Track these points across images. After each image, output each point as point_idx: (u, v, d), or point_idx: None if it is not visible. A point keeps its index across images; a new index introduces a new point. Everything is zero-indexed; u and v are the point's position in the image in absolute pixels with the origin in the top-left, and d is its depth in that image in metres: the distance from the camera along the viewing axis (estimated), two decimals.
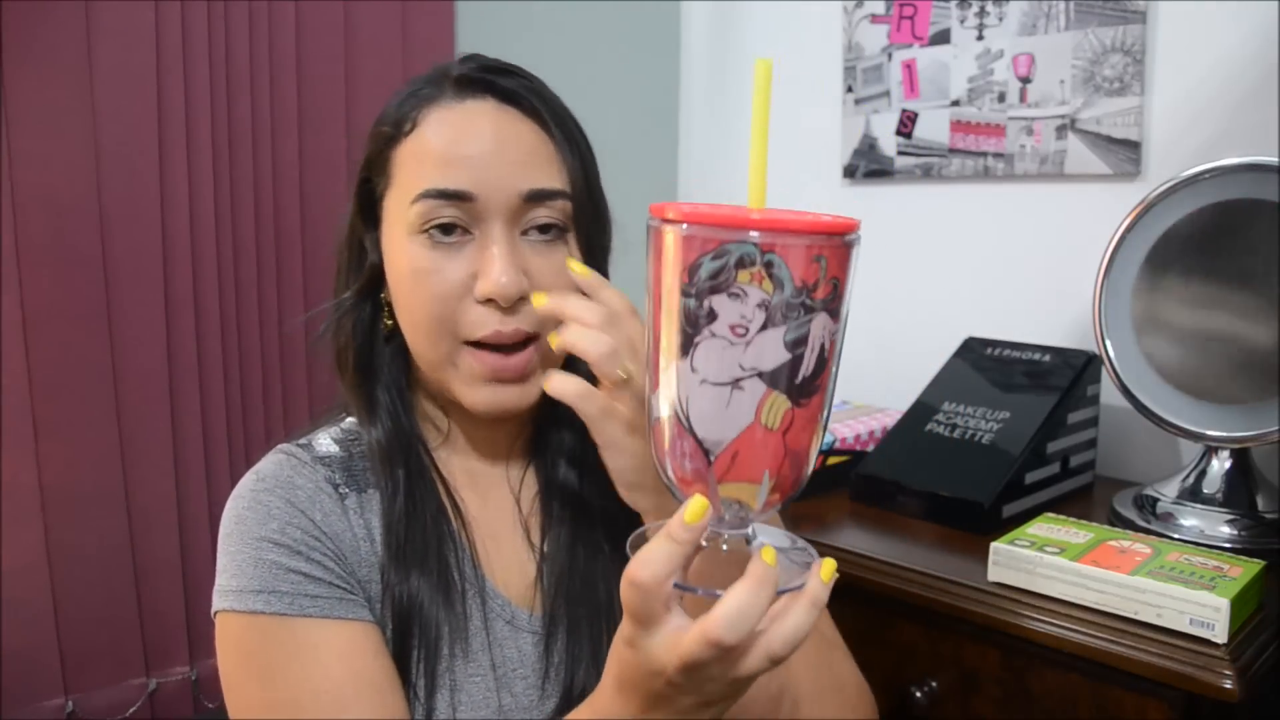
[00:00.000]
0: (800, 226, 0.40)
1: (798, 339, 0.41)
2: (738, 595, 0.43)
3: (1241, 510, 0.98)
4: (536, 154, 0.66)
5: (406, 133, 0.65)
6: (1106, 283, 1.03)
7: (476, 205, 0.63)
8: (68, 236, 1.14)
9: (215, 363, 1.26)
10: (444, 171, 0.63)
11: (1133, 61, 1.21)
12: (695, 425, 0.43)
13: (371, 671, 0.62)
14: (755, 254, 0.40)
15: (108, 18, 1.14)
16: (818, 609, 0.46)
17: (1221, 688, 0.73)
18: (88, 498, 1.18)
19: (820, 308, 0.41)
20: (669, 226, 0.42)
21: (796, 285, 0.40)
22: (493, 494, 0.73)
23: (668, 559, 0.44)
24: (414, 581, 0.65)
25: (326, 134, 1.33)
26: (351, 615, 0.63)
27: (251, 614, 0.61)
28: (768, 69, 0.44)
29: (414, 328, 0.66)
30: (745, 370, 0.41)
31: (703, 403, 0.42)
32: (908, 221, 1.46)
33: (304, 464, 0.67)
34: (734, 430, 0.42)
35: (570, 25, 1.62)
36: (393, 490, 0.67)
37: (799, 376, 0.41)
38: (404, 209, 0.64)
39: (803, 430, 0.43)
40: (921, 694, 0.92)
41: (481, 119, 0.65)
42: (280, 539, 0.63)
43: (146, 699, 1.23)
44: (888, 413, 1.30)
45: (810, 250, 0.40)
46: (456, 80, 0.66)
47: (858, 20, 1.49)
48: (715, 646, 0.43)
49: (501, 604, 0.69)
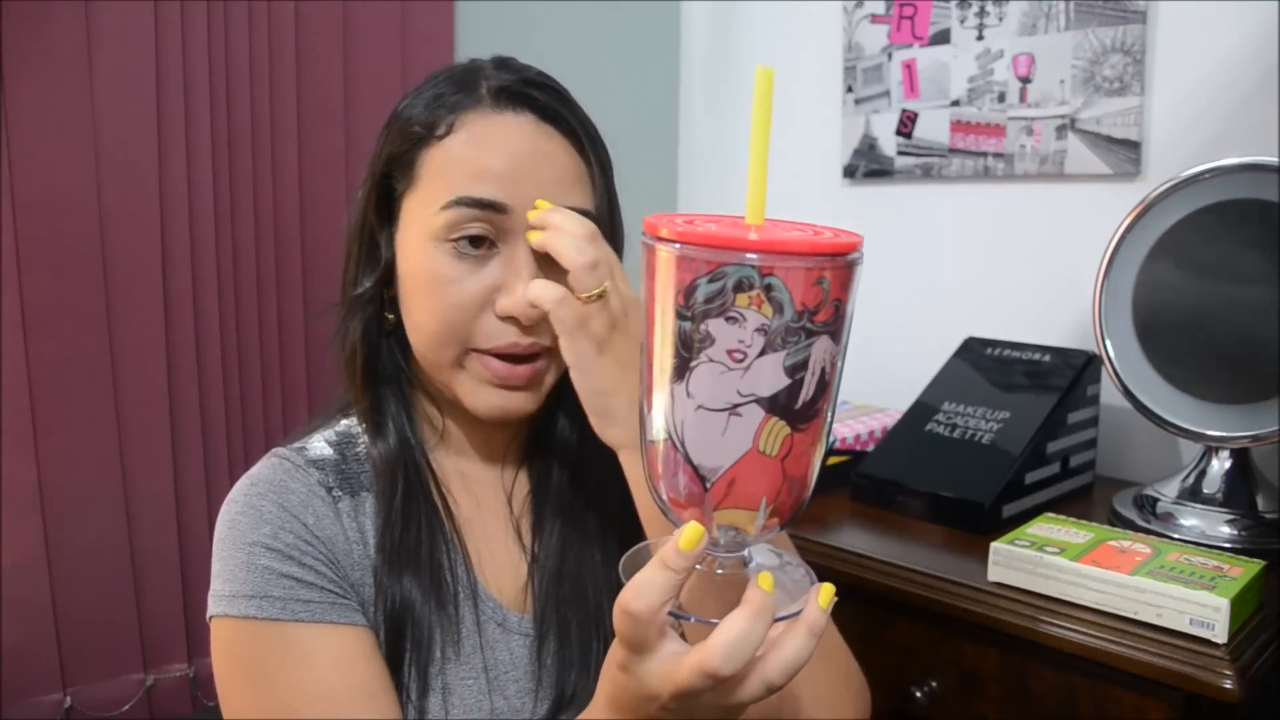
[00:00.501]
0: (801, 248, 0.38)
1: (797, 364, 0.39)
2: (735, 625, 0.42)
3: (1241, 510, 0.98)
4: (570, 174, 0.65)
5: (440, 136, 0.64)
6: (1106, 283, 1.02)
7: (507, 219, 0.63)
8: (68, 236, 1.14)
9: (214, 361, 1.26)
10: (478, 181, 0.62)
11: (1133, 61, 1.21)
12: (691, 451, 0.41)
13: (365, 676, 0.61)
14: (754, 277, 0.38)
15: (108, 18, 1.14)
16: (816, 636, 0.44)
17: (1221, 688, 0.73)
18: (87, 495, 1.18)
19: (821, 331, 0.39)
20: (663, 246, 0.40)
21: (797, 309, 0.38)
22: (486, 496, 0.73)
23: (662, 588, 0.43)
24: (406, 584, 0.65)
25: (326, 134, 1.33)
26: (344, 620, 0.62)
27: (244, 619, 0.61)
28: (768, 77, 0.42)
29: (422, 332, 0.65)
30: (743, 396, 0.39)
31: (699, 428, 0.40)
32: (908, 221, 1.46)
33: (297, 468, 0.67)
34: (731, 457, 0.40)
35: (570, 24, 1.62)
36: (390, 495, 0.67)
37: (799, 402, 0.40)
38: (429, 213, 0.63)
39: (803, 455, 0.41)
40: (921, 694, 0.92)
41: (520, 134, 0.64)
42: (273, 544, 0.62)
43: (144, 695, 1.23)
44: (888, 413, 1.30)
45: (811, 273, 0.38)
46: (496, 91, 0.65)
47: (858, 20, 1.49)
48: (711, 677, 0.42)
49: (493, 607, 0.69)
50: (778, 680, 0.44)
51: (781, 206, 0.43)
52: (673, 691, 0.44)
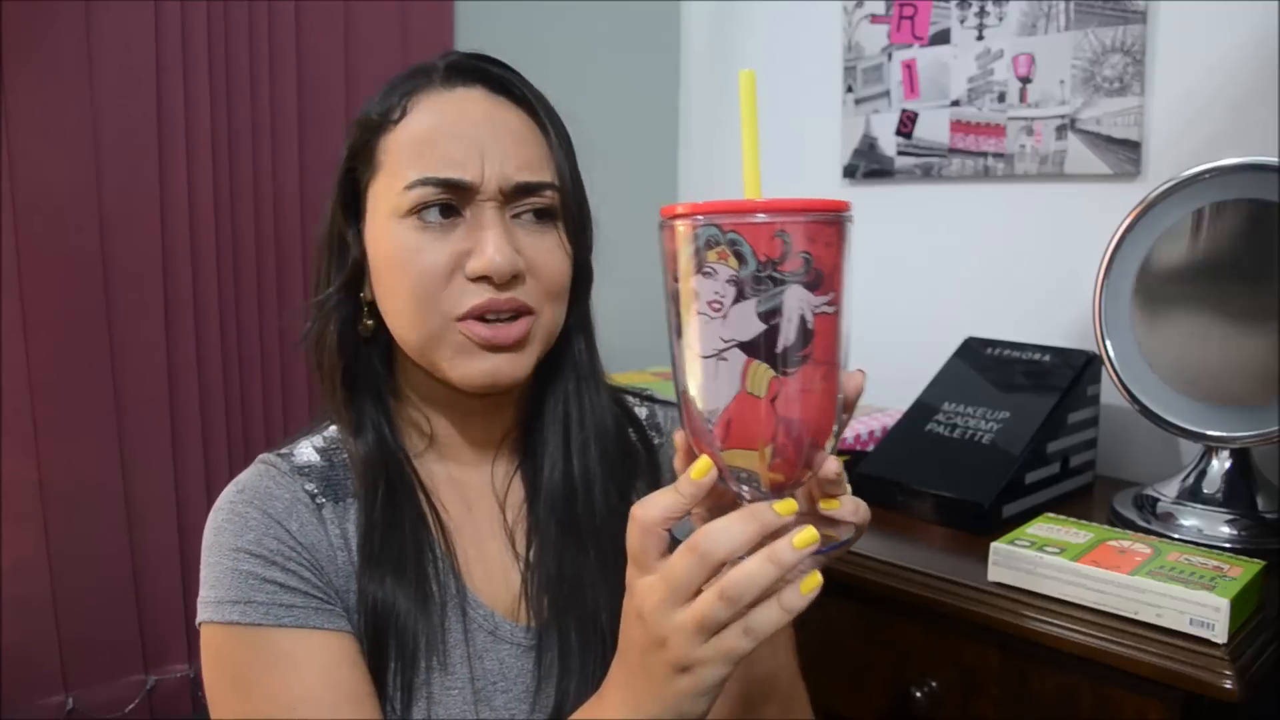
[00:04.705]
0: (758, 206, 0.43)
1: (770, 310, 0.44)
2: (727, 516, 0.46)
3: (1241, 510, 0.98)
4: (528, 143, 0.66)
5: (396, 120, 0.65)
6: (1106, 283, 1.02)
7: (470, 190, 0.63)
8: (68, 237, 1.14)
9: (215, 362, 1.26)
10: (438, 157, 0.63)
11: (1133, 61, 1.21)
12: (694, 396, 0.46)
13: (349, 682, 0.61)
14: (718, 234, 0.43)
15: (108, 18, 1.14)
16: (775, 565, 0.45)
17: (1221, 688, 0.73)
18: (87, 496, 1.18)
19: (792, 280, 0.43)
20: (664, 225, 0.46)
21: (760, 260, 0.43)
22: (477, 502, 0.72)
23: (666, 506, 0.47)
24: (389, 592, 0.64)
25: (326, 134, 1.33)
26: (328, 625, 0.62)
27: (229, 625, 0.61)
28: (750, 81, 0.47)
29: (399, 311, 0.65)
30: (725, 342, 0.44)
31: (697, 375, 0.46)
32: (908, 221, 1.46)
33: (282, 474, 0.66)
34: (725, 399, 0.45)
35: (570, 25, 1.62)
36: (371, 500, 0.66)
37: (778, 346, 0.44)
38: (393, 195, 0.63)
39: (794, 400, 0.45)
40: (921, 694, 0.92)
41: (474, 105, 0.65)
42: (256, 549, 0.62)
43: (145, 696, 1.23)
44: (888, 413, 1.30)
45: (768, 227, 0.43)
46: (446, 69, 0.66)
47: (858, 20, 1.49)
48: (693, 551, 0.45)
49: (484, 615, 0.68)
50: (733, 593, 0.45)
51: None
52: (662, 591, 0.46)
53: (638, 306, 1.17)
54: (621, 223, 0.77)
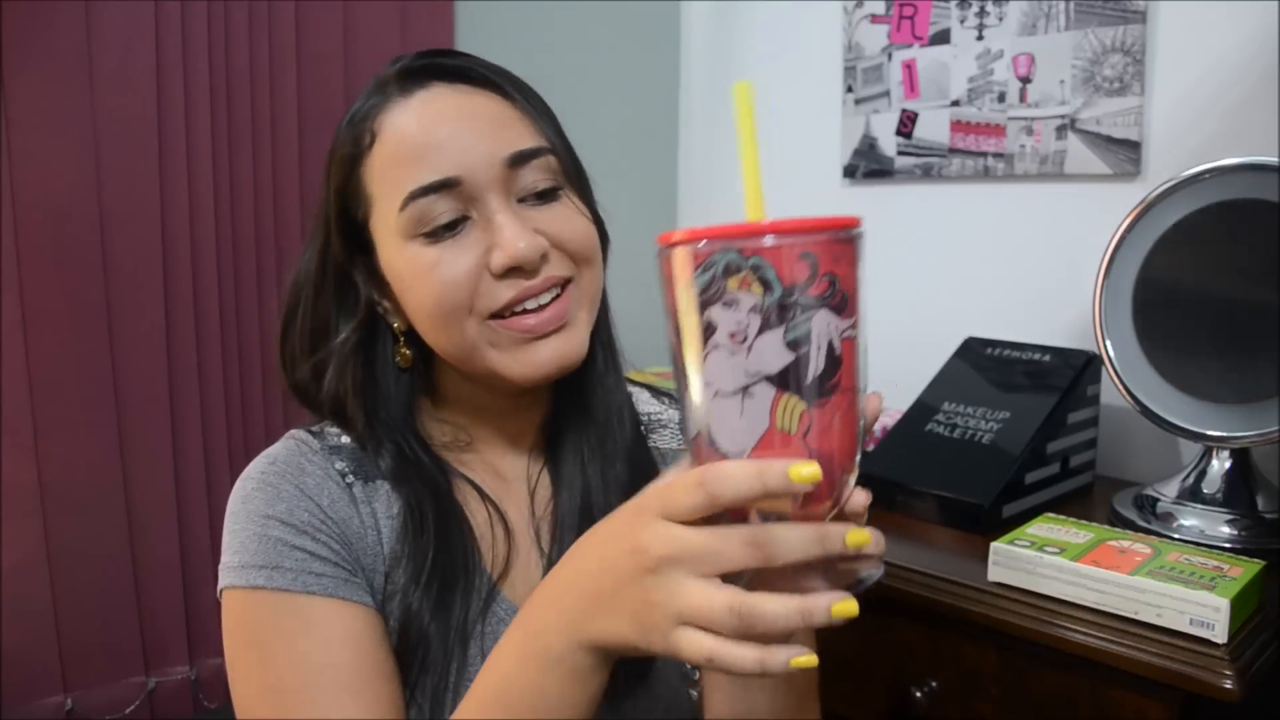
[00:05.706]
0: (780, 227, 0.40)
1: (798, 338, 0.40)
2: (741, 460, 0.42)
3: (1241, 510, 0.98)
4: (503, 119, 0.64)
5: (368, 146, 0.64)
6: (1106, 283, 1.02)
7: (465, 187, 0.62)
8: (68, 236, 1.14)
9: (215, 361, 1.26)
10: (420, 166, 0.62)
11: (1133, 61, 1.21)
12: (716, 437, 0.42)
13: (375, 656, 0.61)
14: (739, 260, 0.40)
15: (108, 18, 1.14)
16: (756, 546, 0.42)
17: (1221, 688, 0.73)
18: (87, 496, 1.18)
19: (818, 305, 0.40)
20: (664, 251, 0.42)
21: (786, 285, 0.40)
22: (510, 503, 0.72)
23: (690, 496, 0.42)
24: (419, 601, 0.63)
25: (326, 134, 1.31)
26: (356, 598, 0.62)
27: (254, 589, 0.60)
28: (746, 92, 0.44)
29: (433, 329, 0.65)
30: (751, 376, 0.41)
31: (719, 414, 0.42)
32: (908, 221, 1.46)
33: (315, 451, 0.67)
34: (752, 438, 0.41)
35: (570, 24, 1.62)
36: (409, 507, 0.66)
37: (808, 376, 0.41)
38: (393, 219, 0.63)
39: (827, 432, 0.41)
40: (921, 694, 0.92)
41: (438, 103, 0.64)
42: (287, 518, 0.62)
43: (145, 697, 1.23)
44: (888, 413, 1.30)
45: (794, 249, 0.40)
46: (399, 77, 0.65)
47: (858, 20, 1.49)
48: (700, 487, 0.42)
49: (507, 608, 0.67)
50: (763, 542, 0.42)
51: (781, 208, 0.44)
52: (660, 503, 0.43)
53: (638, 307, 1.17)
54: (621, 223, 0.77)
